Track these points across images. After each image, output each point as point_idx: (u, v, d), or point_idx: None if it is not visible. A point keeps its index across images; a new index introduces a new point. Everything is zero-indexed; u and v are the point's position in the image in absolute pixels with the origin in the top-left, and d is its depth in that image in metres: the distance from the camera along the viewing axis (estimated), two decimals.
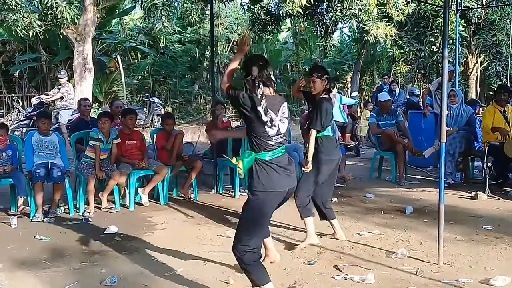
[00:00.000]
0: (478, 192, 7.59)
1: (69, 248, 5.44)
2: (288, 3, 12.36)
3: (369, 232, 5.92)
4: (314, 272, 4.63)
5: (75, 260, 5.04)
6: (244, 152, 3.88)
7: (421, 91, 14.11)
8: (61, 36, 17.47)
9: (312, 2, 13.12)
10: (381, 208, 7.10)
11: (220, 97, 21.35)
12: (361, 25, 14.80)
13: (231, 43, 26.15)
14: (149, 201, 7.43)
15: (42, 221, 6.44)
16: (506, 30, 17.42)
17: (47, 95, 14.01)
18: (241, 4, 18.40)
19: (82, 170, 7.07)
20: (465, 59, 19.53)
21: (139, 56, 25.01)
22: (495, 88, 9.85)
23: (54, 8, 13.22)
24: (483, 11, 16.28)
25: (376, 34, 14.24)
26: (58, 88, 13.28)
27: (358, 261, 4.93)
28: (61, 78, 13.30)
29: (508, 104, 8.49)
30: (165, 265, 4.86)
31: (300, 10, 13.05)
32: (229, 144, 8.00)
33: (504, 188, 7.96)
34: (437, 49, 16.35)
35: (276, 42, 28.87)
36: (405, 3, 14.30)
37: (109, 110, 8.51)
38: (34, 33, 14.16)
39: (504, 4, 14.85)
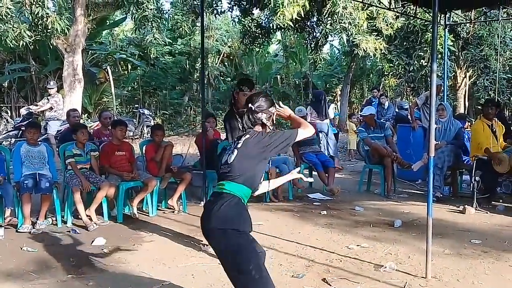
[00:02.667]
0: (466, 206, 7.61)
1: (57, 260, 5.40)
2: (279, 16, 12.42)
3: (357, 245, 5.93)
4: (302, 286, 4.63)
5: (62, 272, 5.00)
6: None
7: (410, 104, 14.21)
8: (51, 46, 17.44)
9: (303, 15, 13.18)
10: (370, 221, 7.11)
11: (210, 109, 21.40)
12: (351, 38, 14.89)
13: (222, 55, 26.24)
14: (137, 212, 7.39)
15: (30, 232, 6.38)
16: (494, 45, 17.61)
17: (36, 105, 13.94)
18: (231, 17, 18.45)
19: (68, 182, 7.03)
20: (453, 73, 19.70)
21: (129, 67, 25.03)
22: (483, 102, 9.92)
23: (45, 19, 13.20)
24: (472, 26, 16.46)
25: (366, 47, 14.34)
26: (48, 99, 13.24)
27: (347, 274, 4.93)
28: (50, 88, 13.26)
29: (495, 118, 8.55)
30: (153, 277, 4.83)
31: (291, 23, 13.11)
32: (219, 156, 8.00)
33: (492, 202, 7.99)
34: (426, 63, 16.51)
35: (267, 55, 29.01)
36: (394, 17, 14.43)
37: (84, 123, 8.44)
38: (24, 43, 14.12)
39: (492, 20, 15.01)
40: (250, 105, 3.59)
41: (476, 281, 4.75)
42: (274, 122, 3.68)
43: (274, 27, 14.53)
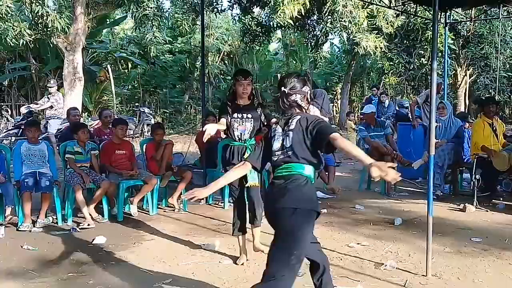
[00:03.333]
0: (466, 204, 7.61)
1: (57, 258, 5.40)
2: (279, 14, 12.42)
3: (358, 243, 5.93)
4: (303, 284, 4.62)
5: (62, 271, 5.00)
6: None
7: (410, 102, 14.20)
8: (51, 45, 17.41)
9: (303, 13, 13.19)
10: (370, 220, 7.11)
11: (211, 107, 21.39)
12: (351, 37, 14.90)
13: (222, 54, 26.22)
14: (138, 211, 7.40)
15: (30, 231, 6.39)
16: (494, 43, 17.62)
17: (37, 104, 13.95)
18: (232, 15, 18.46)
19: (68, 180, 7.03)
20: (454, 71, 19.71)
21: (130, 66, 25.01)
22: (484, 100, 9.91)
23: (45, 17, 13.20)
24: (472, 24, 16.45)
25: (366, 46, 14.33)
26: (48, 97, 13.24)
27: (347, 273, 4.93)
28: (51, 87, 13.27)
29: (496, 117, 8.55)
30: (153, 276, 4.84)
31: (291, 21, 13.12)
32: (219, 155, 7.99)
33: (493, 200, 7.99)
34: (426, 62, 16.51)
35: (267, 53, 29.00)
36: (395, 15, 14.41)
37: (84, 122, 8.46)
38: (24, 42, 14.11)
39: (493, 18, 15.00)
40: (283, 88, 3.55)
41: (477, 279, 4.75)
42: (309, 101, 3.64)
43: (275, 26, 14.55)
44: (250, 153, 4.18)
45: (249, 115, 5.31)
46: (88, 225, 6.65)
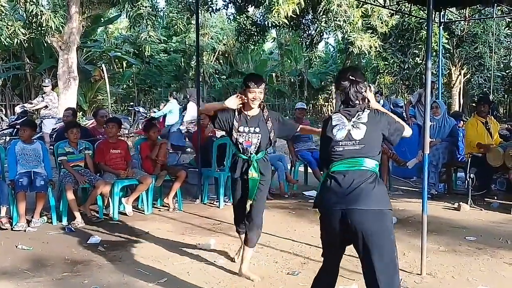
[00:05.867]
0: (461, 203, 7.64)
1: (52, 258, 5.39)
2: (274, 13, 12.43)
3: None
4: (298, 283, 4.63)
5: (57, 270, 4.99)
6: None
7: (405, 102, 14.23)
8: (45, 44, 17.41)
9: (298, 13, 13.20)
10: None
11: None
12: (346, 36, 14.91)
13: (217, 53, 26.22)
14: (133, 211, 7.39)
15: (25, 230, 6.37)
16: (488, 43, 17.67)
17: (31, 103, 13.91)
18: (226, 14, 18.45)
19: (62, 180, 7.02)
20: (448, 71, 19.76)
21: (124, 65, 24.99)
22: (476, 100, 9.96)
23: (39, 17, 13.19)
24: (466, 23, 16.50)
25: (361, 45, 14.35)
26: (42, 97, 13.20)
27: (342, 272, 4.90)
28: (45, 86, 13.23)
29: (490, 115, 8.58)
30: (149, 275, 4.83)
31: (286, 21, 13.13)
32: (214, 154, 8.00)
33: (487, 199, 8.00)
34: (420, 61, 16.56)
35: (262, 52, 29.01)
36: (389, 15, 14.46)
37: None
38: (18, 41, 14.10)
39: (487, 17, 15.04)
40: (351, 77, 3.41)
41: (471, 278, 4.76)
42: (372, 97, 3.53)
43: (269, 25, 14.59)
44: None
45: (257, 129, 4.61)
46: (78, 224, 6.64)
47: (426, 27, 6.02)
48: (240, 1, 15.54)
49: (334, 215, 3.27)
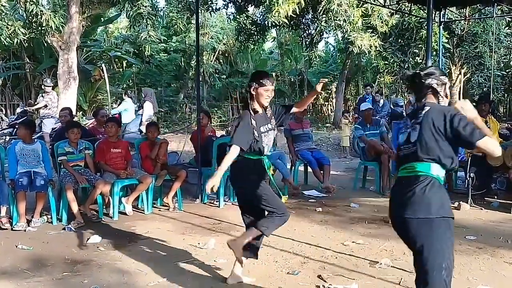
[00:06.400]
0: (461, 202, 7.64)
1: (52, 257, 5.39)
2: (274, 13, 12.44)
3: (353, 242, 5.93)
4: (298, 282, 4.63)
5: (57, 270, 4.99)
6: None
7: (405, 101, 14.23)
8: (45, 44, 17.38)
9: (298, 12, 13.21)
10: (365, 218, 7.12)
11: (205, 106, 21.38)
12: (346, 35, 14.92)
13: (217, 53, 26.21)
14: (133, 210, 7.39)
15: (25, 230, 6.37)
16: (488, 42, 17.66)
17: (30, 104, 13.94)
18: (226, 14, 18.46)
19: (62, 180, 7.02)
20: (448, 70, 19.74)
21: (124, 64, 24.98)
22: (477, 99, 9.95)
23: (39, 16, 13.18)
24: (466, 23, 16.49)
25: (361, 45, 14.37)
26: (42, 96, 13.21)
27: (342, 271, 4.93)
28: (47, 86, 13.23)
29: (490, 115, 8.58)
30: (149, 275, 4.83)
31: (286, 20, 13.15)
32: (214, 153, 7.99)
33: (487, 198, 8.00)
34: (420, 60, 16.56)
35: (262, 52, 28.98)
36: (389, 14, 14.47)
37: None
38: (18, 41, 14.09)
39: (487, 17, 15.04)
40: (419, 71, 3.32)
41: (471, 277, 4.76)
42: (448, 96, 3.31)
43: (269, 24, 14.59)
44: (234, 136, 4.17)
45: (270, 125, 4.50)
46: (78, 224, 6.63)
47: (426, 27, 6.03)
48: (240, 1, 15.55)
49: (395, 223, 3.27)
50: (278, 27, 17.01)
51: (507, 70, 22.94)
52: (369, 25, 14.77)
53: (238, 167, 4.40)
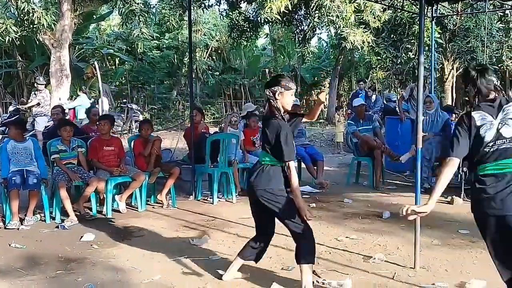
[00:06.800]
0: (454, 196, 7.67)
1: (45, 256, 5.38)
2: (266, 9, 12.41)
3: (346, 237, 5.95)
4: (292, 278, 4.64)
5: (51, 268, 4.98)
6: None
7: (398, 97, 14.24)
8: (37, 42, 17.32)
9: (290, 8, 13.19)
10: (359, 213, 7.14)
11: (199, 103, 21.35)
12: (339, 31, 14.92)
13: (210, 49, 26.17)
14: (126, 208, 7.38)
15: (18, 229, 6.36)
16: (480, 37, 17.68)
17: (23, 103, 13.89)
18: (219, 11, 18.40)
19: (55, 178, 7.00)
20: (441, 65, 19.76)
21: (117, 62, 24.92)
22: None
23: (31, 14, 13.11)
24: (458, 18, 16.50)
25: (354, 40, 14.36)
26: (35, 94, 13.17)
27: (336, 266, 4.95)
28: (39, 84, 13.19)
29: None
30: (143, 272, 4.82)
31: (278, 17, 13.12)
32: (207, 150, 7.99)
33: None
34: (413, 56, 16.55)
35: (255, 48, 28.96)
36: (382, 10, 14.45)
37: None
38: (10, 39, 14.02)
39: (479, 12, 15.04)
40: (478, 67, 3.31)
41: (464, 271, 4.78)
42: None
43: (262, 21, 14.54)
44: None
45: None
46: (72, 222, 6.62)
47: (418, 22, 6.02)
48: None
49: (488, 221, 3.27)
50: (270, 23, 16.95)
51: (499, 65, 22.99)
52: (361, 20, 14.76)
53: (272, 173, 4.17)
